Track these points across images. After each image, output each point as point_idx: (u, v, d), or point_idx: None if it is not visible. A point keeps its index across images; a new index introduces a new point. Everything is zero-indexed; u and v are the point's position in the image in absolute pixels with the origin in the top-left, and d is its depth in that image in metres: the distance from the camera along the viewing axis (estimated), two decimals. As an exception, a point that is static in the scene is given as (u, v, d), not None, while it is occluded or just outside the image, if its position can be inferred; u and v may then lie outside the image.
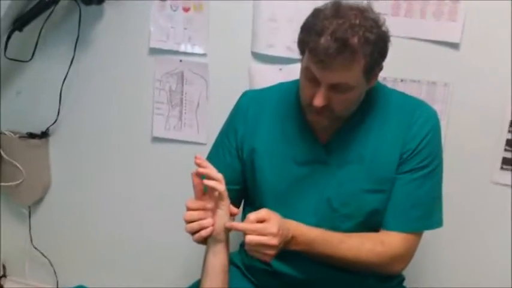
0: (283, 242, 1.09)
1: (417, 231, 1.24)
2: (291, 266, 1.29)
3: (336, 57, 1.05)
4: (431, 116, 1.25)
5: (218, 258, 1.13)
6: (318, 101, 1.12)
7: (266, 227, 1.07)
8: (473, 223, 1.67)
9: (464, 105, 1.60)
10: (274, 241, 1.06)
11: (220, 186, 1.09)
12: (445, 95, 1.60)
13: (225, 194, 1.10)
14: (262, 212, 1.09)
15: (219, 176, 1.10)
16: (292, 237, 1.12)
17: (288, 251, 1.24)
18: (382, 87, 1.28)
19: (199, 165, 1.11)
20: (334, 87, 1.11)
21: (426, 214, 1.24)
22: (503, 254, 1.64)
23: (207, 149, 1.42)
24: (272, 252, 1.08)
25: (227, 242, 1.15)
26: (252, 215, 1.08)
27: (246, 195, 1.36)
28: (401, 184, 1.22)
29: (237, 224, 1.10)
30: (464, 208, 1.65)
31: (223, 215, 1.11)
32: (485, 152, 1.61)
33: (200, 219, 1.11)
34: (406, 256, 1.23)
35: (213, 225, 1.11)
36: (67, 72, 1.91)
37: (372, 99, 1.24)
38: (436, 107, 1.52)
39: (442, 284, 1.74)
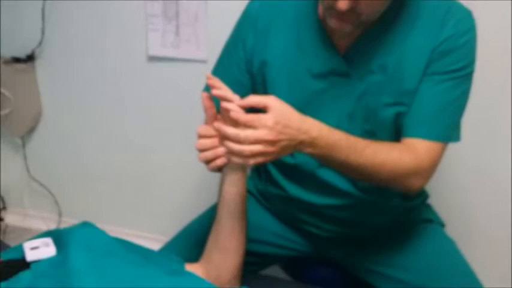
0: (285, 143, 0.92)
1: (444, 141, 1.12)
2: (308, 191, 1.20)
3: None
4: (466, 17, 1.09)
5: (236, 187, 1.03)
6: (342, 4, 0.96)
7: (260, 118, 0.90)
8: (497, 130, 1.58)
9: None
10: (270, 135, 0.89)
11: (238, 108, 0.94)
12: None
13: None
14: (269, 99, 0.92)
15: (236, 97, 0.96)
16: (311, 139, 0.95)
17: (306, 175, 1.17)
18: None
19: (212, 86, 0.97)
20: None
21: (453, 123, 1.12)
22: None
23: (208, 67, 1.29)
24: (260, 149, 0.90)
25: (244, 169, 1.04)
26: (254, 98, 0.93)
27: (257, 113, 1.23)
28: (430, 86, 1.08)
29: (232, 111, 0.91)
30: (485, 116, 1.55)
31: None
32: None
33: (214, 147, 0.99)
34: (430, 169, 1.10)
35: None
36: (48, -13, 1.76)
37: (399, 2, 1.08)
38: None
39: (465, 200, 1.68)
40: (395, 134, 1.13)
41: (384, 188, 1.12)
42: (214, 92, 0.96)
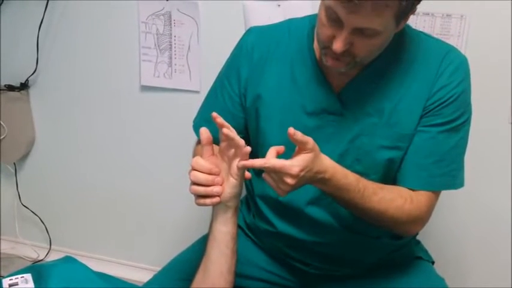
0: (302, 183, 0.96)
1: (442, 189, 1.14)
2: (298, 228, 1.19)
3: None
4: (463, 64, 1.10)
5: (227, 226, 1.00)
6: (338, 46, 0.96)
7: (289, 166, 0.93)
8: (491, 165, 1.58)
9: (482, 40, 1.46)
10: (289, 180, 0.93)
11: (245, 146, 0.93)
12: (460, 28, 1.46)
13: (247, 157, 0.94)
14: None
15: (242, 141, 0.94)
16: (323, 179, 0.98)
17: (295, 212, 1.16)
18: (409, 30, 1.12)
19: (221, 125, 0.94)
20: (358, 31, 0.96)
21: (451, 171, 1.12)
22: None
23: (200, 98, 1.29)
24: (286, 188, 0.95)
25: (236, 208, 1.01)
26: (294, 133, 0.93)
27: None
28: (426, 138, 1.09)
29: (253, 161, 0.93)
30: (482, 150, 1.54)
31: (236, 183, 0.97)
32: (503, 92, 1.50)
33: (208, 185, 0.96)
34: (428, 216, 1.13)
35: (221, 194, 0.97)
36: (43, 16, 1.77)
37: (397, 44, 1.08)
38: (451, 42, 1.40)
39: (455, 235, 1.67)
40: (385, 176, 1.13)
41: (374, 227, 1.13)
42: (225, 131, 0.93)
